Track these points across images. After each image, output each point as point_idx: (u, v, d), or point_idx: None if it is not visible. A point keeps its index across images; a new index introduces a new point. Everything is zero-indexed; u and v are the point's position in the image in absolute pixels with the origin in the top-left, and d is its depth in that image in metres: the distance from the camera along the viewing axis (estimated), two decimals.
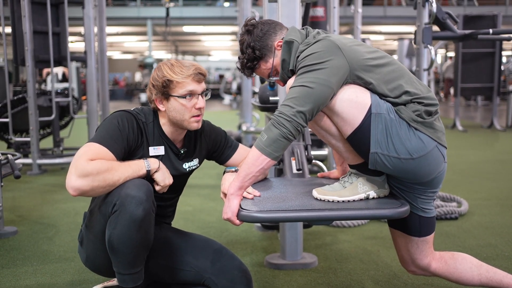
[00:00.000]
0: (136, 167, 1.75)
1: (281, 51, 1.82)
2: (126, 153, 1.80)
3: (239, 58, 1.92)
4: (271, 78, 1.92)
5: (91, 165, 1.63)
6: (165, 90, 1.85)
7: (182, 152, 1.98)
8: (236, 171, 1.97)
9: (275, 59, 1.86)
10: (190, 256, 1.98)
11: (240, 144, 2.18)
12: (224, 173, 2.00)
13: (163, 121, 1.93)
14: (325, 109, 1.69)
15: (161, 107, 1.89)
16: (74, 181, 1.61)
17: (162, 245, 1.99)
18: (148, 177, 1.79)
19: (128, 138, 1.80)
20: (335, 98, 1.67)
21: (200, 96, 1.90)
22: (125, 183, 1.69)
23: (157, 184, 1.82)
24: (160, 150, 1.91)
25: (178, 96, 1.85)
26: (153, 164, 1.80)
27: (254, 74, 1.95)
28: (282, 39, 1.84)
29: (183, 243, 2.03)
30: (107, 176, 1.65)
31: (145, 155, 1.87)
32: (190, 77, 1.85)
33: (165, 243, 2.01)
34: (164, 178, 1.83)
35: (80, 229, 1.96)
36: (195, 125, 1.91)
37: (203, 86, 1.91)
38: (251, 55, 1.86)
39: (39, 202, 4.19)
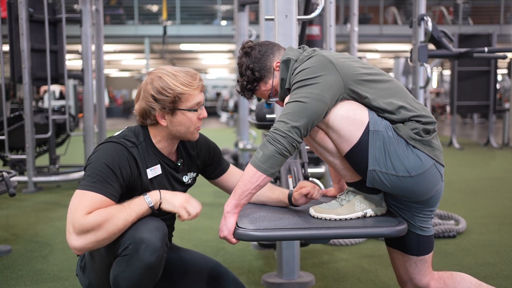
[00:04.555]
0: (137, 207, 1.59)
1: (279, 71, 1.82)
2: (124, 189, 1.66)
3: (238, 81, 1.90)
4: (271, 99, 1.90)
5: (89, 220, 1.50)
6: (174, 104, 1.72)
7: (179, 164, 1.86)
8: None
9: (274, 80, 1.84)
10: (189, 280, 1.92)
11: (231, 165, 2.08)
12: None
13: (157, 138, 1.78)
14: (323, 125, 1.68)
15: (163, 122, 1.74)
16: (75, 241, 1.51)
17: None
18: (155, 213, 1.64)
19: (123, 174, 1.64)
20: (333, 115, 1.66)
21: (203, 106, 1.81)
22: (138, 224, 1.57)
23: (180, 217, 1.65)
24: (157, 169, 1.78)
25: (187, 110, 1.74)
26: (154, 197, 1.64)
27: (254, 96, 1.93)
28: (280, 59, 1.83)
29: (182, 266, 1.96)
30: (109, 226, 1.52)
31: (145, 182, 1.73)
32: (198, 88, 1.76)
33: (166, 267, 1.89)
34: (173, 204, 1.65)
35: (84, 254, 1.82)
36: (197, 135, 1.84)
37: (203, 95, 1.82)
38: (251, 77, 1.84)
39: (34, 220, 4.15)
